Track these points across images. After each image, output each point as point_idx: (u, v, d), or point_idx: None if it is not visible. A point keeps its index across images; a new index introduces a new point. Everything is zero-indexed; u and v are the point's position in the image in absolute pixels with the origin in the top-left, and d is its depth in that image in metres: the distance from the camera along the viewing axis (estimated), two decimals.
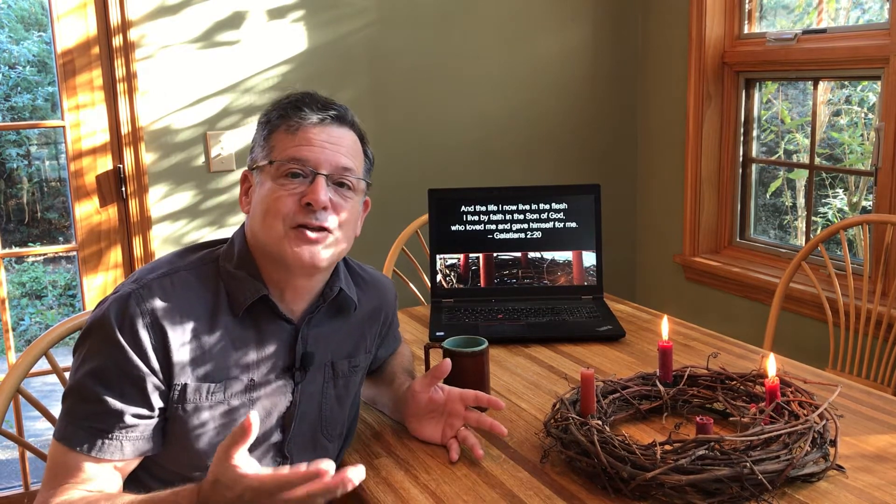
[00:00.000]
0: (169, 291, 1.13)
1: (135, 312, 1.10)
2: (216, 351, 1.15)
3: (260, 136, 1.23)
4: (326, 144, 1.18)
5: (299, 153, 1.17)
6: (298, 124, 1.18)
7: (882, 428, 1.35)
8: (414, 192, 2.45)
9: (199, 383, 1.14)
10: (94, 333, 1.12)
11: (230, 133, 2.66)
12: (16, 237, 5.75)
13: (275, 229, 1.16)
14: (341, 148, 1.19)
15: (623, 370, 1.62)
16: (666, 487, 1.12)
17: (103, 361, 1.10)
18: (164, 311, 1.11)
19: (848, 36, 2.52)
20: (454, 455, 1.28)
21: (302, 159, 1.16)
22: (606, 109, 3.24)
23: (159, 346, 1.11)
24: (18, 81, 5.58)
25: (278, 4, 2.68)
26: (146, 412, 1.11)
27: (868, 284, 2.24)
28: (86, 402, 1.10)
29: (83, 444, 1.09)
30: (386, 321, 1.43)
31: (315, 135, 1.18)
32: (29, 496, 2.57)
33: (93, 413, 1.09)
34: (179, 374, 1.13)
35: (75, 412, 1.10)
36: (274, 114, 1.22)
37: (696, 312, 3.04)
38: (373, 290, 1.38)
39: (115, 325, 1.09)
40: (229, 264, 1.19)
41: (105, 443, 1.09)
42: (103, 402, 1.09)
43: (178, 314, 1.13)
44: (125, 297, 1.11)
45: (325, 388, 1.28)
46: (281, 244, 1.16)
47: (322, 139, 1.18)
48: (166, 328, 1.11)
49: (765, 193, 3.07)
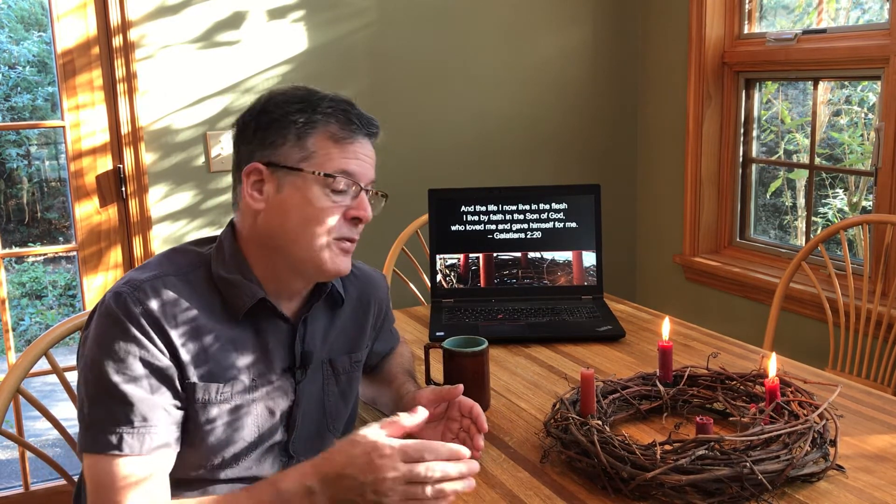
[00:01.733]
0: (161, 293, 1.12)
1: (136, 310, 1.09)
2: (214, 352, 1.15)
3: (289, 134, 1.16)
4: (367, 160, 1.20)
5: (349, 167, 1.17)
6: (350, 137, 1.18)
7: (882, 428, 1.35)
8: (414, 192, 2.45)
9: (204, 383, 1.13)
10: (104, 334, 1.09)
11: (230, 133, 2.66)
12: (16, 237, 5.75)
13: (316, 239, 1.16)
14: (373, 162, 1.22)
15: (623, 370, 1.62)
16: (666, 487, 1.12)
17: (124, 357, 1.07)
18: (159, 310, 1.10)
19: (848, 36, 2.52)
20: (475, 454, 1.28)
21: (353, 173, 1.18)
22: (606, 109, 3.24)
23: (166, 341, 1.10)
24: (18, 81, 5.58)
25: (278, 4, 2.68)
26: (176, 402, 1.11)
27: (868, 284, 2.24)
28: (116, 403, 1.06)
29: (126, 446, 1.05)
30: (380, 314, 1.43)
31: (360, 148, 1.19)
32: (29, 496, 2.57)
33: (125, 413, 1.06)
34: (186, 371, 1.12)
35: (106, 417, 1.06)
36: (311, 114, 1.17)
37: (696, 312, 3.04)
38: (364, 284, 1.38)
39: (126, 321, 1.08)
40: (222, 268, 1.18)
41: (149, 436, 1.06)
42: (134, 397, 1.06)
43: (173, 315, 1.11)
44: (122, 296, 1.10)
45: (327, 385, 1.28)
46: (320, 254, 1.16)
47: (366, 153, 1.20)
48: (165, 326, 1.10)
49: (765, 193, 3.07)
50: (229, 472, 1.18)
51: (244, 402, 1.17)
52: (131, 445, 1.06)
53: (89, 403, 1.07)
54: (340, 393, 1.31)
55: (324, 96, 1.20)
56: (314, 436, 1.27)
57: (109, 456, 1.05)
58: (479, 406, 1.29)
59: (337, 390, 1.30)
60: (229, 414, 1.16)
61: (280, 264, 1.19)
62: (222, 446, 1.16)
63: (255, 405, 1.18)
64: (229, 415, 1.16)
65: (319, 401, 1.27)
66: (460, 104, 2.99)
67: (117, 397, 1.06)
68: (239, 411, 1.17)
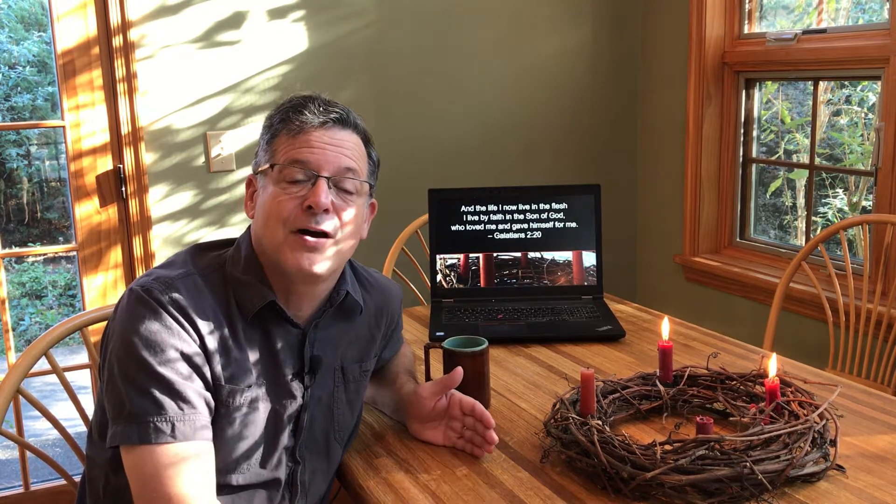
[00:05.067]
0: (189, 289, 1.13)
1: (165, 299, 1.09)
2: (233, 350, 1.15)
3: (263, 141, 1.22)
4: (328, 147, 1.17)
5: (300, 155, 1.16)
6: (300, 127, 1.17)
7: (882, 428, 1.35)
8: (414, 192, 2.45)
9: (225, 380, 1.14)
10: (137, 322, 1.07)
11: (230, 133, 2.66)
12: (16, 237, 5.75)
13: (276, 234, 1.15)
14: (344, 150, 1.18)
15: (623, 370, 1.62)
16: (666, 487, 1.12)
17: (160, 342, 1.07)
18: (187, 304, 1.11)
19: (848, 36, 2.52)
20: (479, 452, 1.29)
21: (303, 161, 1.16)
22: (606, 109, 3.24)
23: (195, 329, 1.10)
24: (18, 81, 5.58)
25: (278, 4, 2.68)
26: (208, 393, 1.11)
27: (868, 284, 2.24)
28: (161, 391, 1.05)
29: (179, 433, 1.04)
30: (391, 324, 1.43)
31: (317, 137, 1.17)
32: (29, 496, 2.57)
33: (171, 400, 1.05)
34: (212, 361, 1.12)
35: (151, 406, 1.05)
36: (276, 118, 1.21)
37: (696, 312, 3.04)
38: (379, 294, 1.38)
39: (159, 308, 1.08)
40: (237, 270, 1.19)
41: (197, 419, 1.06)
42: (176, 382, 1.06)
43: (199, 311, 1.12)
44: (152, 289, 1.10)
45: (336, 392, 1.28)
46: (280, 250, 1.15)
47: (324, 141, 1.17)
48: (194, 317, 1.10)
49: (765, 193, 3.07)
50: (240, 478, 1.18)
51: (252, 404, 1.17)
52: (183, 432, 1.05)
53: (131, 394, 1.06)
54: (348, 402, 1.31)
55: (291, 98, 1.22)
56: (321, 442, 1.27)
57: (159, 445, 1.04)
58: (479, 404, 1.30)
59: (345, 398, 1.30)
60: (238, 416, 1.16)
61: (275, 268, 1.19)
62: (234, 446, 1.16)
63: (263, 408, 1.18)
64: (238, 416, 1.16)
65: (328, 407, 1.27)
66: (460, 104, 2.99)
67: (162, 382, 1.06)
68: (251, 410, 1.17)
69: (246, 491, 1.19)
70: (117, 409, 1.07)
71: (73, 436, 1.52)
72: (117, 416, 1.07)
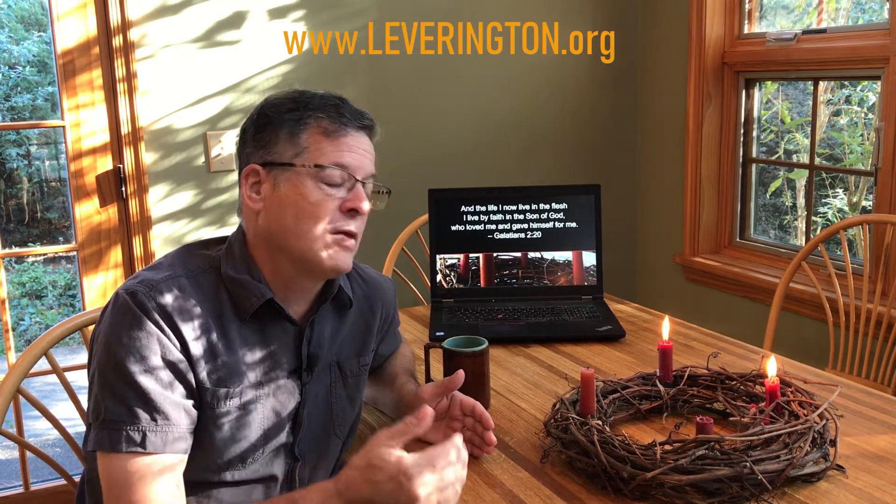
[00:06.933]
0: (174, 293, 1.12)
1: (150, 304, 1.09)
2: (223, 352, 1.14)
3: (283, 132, 1.18)
4: (362, 153, 1.20)
5: (342, 159, 1.17)
6: (341, 130, 1.18)
7: (882, 428, 1.35)
8: (414, 192, 2.45)
9: (213, 382, 1.13)
10: (120, 328, 1.08)
11: (230, 133, 2.66)
12: (16, 237, 5.75)
13: (312, 233, 1.16)
14: (370, 156, 1.22)
15: (623, 370, 1.62)
16: (666, 487, 1.12)
17: (141, 349, 1.06)
18: (172, 308, 1.10)
19: (848, 36, 2.52)
20: (479, 453, 1.30)
21: (347, 166, 1.17)
22: (606, 109, 3.24)
23: (178, 336, 1.10)
24: (18, 81, 5.59)
25: (278, 4, 2.68)
26: (191, 400, 1.10)
27: (868, 284, 2.24)
28: (136, 399, 1.05)
29: (149, 444, 1.04)
30: (387, 318, 1.43)
31: (353, 140, 1.19)
32: (29, 496, 2.58)
33: (146, 410, 1.05)
34: (196, 368, 1.12)
35: (126, 414, 1.05)
36: (301, 113, 1.19)
37: (696, 312, 3.04)
38: (372, 287, 1.39)
39: (141, 315, 1.08)
40: (231, 270, 1.18)
41: (170, 432, 1.06)
42: (154, 392, 1.06)
43: (184, 314, 1.12)
44: (136, 293, 1.10)
45: (335, 387, 1.29)
46: (317, 249, 1.16)
47: (360, 147, 1.20)
48: (178, 322, 1.10)
49: (765, 193, 3.08)
50: (236, 474, 1.18)
51: (250, 402, 1.17)
52: (153, 443, 1.05)
53: (107, 400, 1.06)
54: (348, 397, 1.31)
55: (315, 94, 1.22)
56: (320, 438, 1.27)
57: (129, 454, 1.04)
58: (480, 405, 1.30)
59: (344, 394, 1.30)
60: (236, 414, 1.16)
61: (285, 264, 1.19)
62: (228, 446, 1.16)
63: (261, 406, 1.18)
64: (236, 415, 1.16)
65: (326, 403, 1.27)
66: (460, 104, 2.99)
67: (137, 391, 1.05)
68: (245, 411, 1.17)
69: (242, 487, 1.19)
70: (94, 413, 1.08)
71: (73, 436, 1.52)
72: (94, 421, 1.07)
